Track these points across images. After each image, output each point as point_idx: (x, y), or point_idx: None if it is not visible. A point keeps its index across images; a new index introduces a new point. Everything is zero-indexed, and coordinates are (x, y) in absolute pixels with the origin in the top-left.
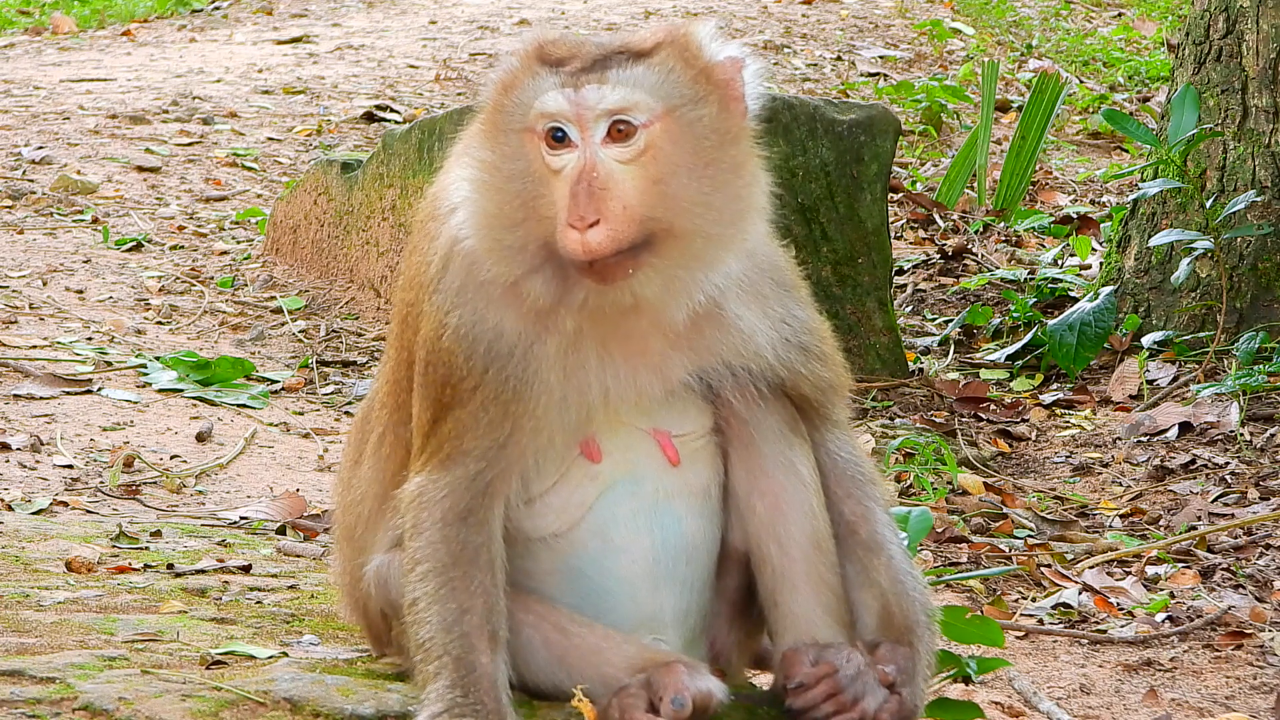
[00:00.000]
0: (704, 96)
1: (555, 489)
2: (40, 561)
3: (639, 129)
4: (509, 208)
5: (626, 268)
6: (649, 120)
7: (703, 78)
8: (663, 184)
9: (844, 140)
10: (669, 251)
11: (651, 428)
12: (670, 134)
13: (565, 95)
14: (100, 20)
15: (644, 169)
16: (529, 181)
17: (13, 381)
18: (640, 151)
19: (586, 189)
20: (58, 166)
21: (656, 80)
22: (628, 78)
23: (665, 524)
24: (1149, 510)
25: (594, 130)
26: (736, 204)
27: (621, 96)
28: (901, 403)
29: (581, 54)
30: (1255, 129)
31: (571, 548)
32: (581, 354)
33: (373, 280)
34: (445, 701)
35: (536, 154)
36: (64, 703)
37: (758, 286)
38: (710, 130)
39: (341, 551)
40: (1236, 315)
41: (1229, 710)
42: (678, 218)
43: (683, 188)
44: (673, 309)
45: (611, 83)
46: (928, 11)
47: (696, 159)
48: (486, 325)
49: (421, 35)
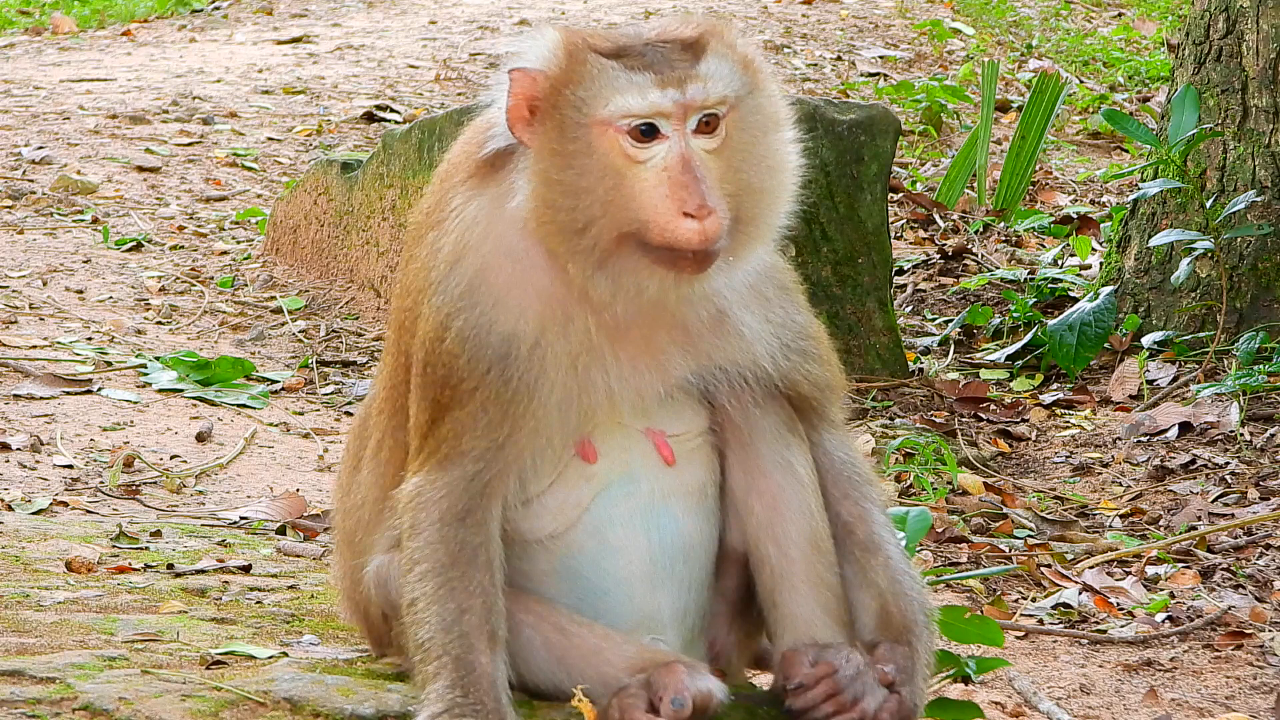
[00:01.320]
0: (755, 86)
1: (551, 490)
2: (40, 561)
3: (721, 120)
4: (583, 205)
5: (719, 255)
6: (726, 110)
7: (749, 69)
8: (739, 172)
9: (844, 140)
10: (740, 238)
11: (647, 428)
12: (740, 123)
13: (666, 94)
14: (100, 20)
15: (725, 158)
16: (604, 175)
17: (13, 381)
18: (723, 141)
19: (694, 178)
20: (58, 166)
21: (727, 69)
22: (710, 69)
23: (662, 524)
24: (1149, 510)
25: (688, 123)
26: (785, 191)
27: (717, 89)
28: (901, 403)
29: (640, 45)
30: (1255, 129)
31: (568, 549)
32: (593, 354)
33: (373, 280)
34: (445, 701)
35: (613, 147)
36: (64, 703)
37: (760, 289)
38: (767, 119)
39: (341, 555)
40: (1236, 315)
41: (1229, 710)
42: (746, 205)
43: (752, 175)
44: (705, 302)
45: (702, 79)
46: (928, 11)
47: (760, 147)
48: (496, 328)
49: (421, 35)
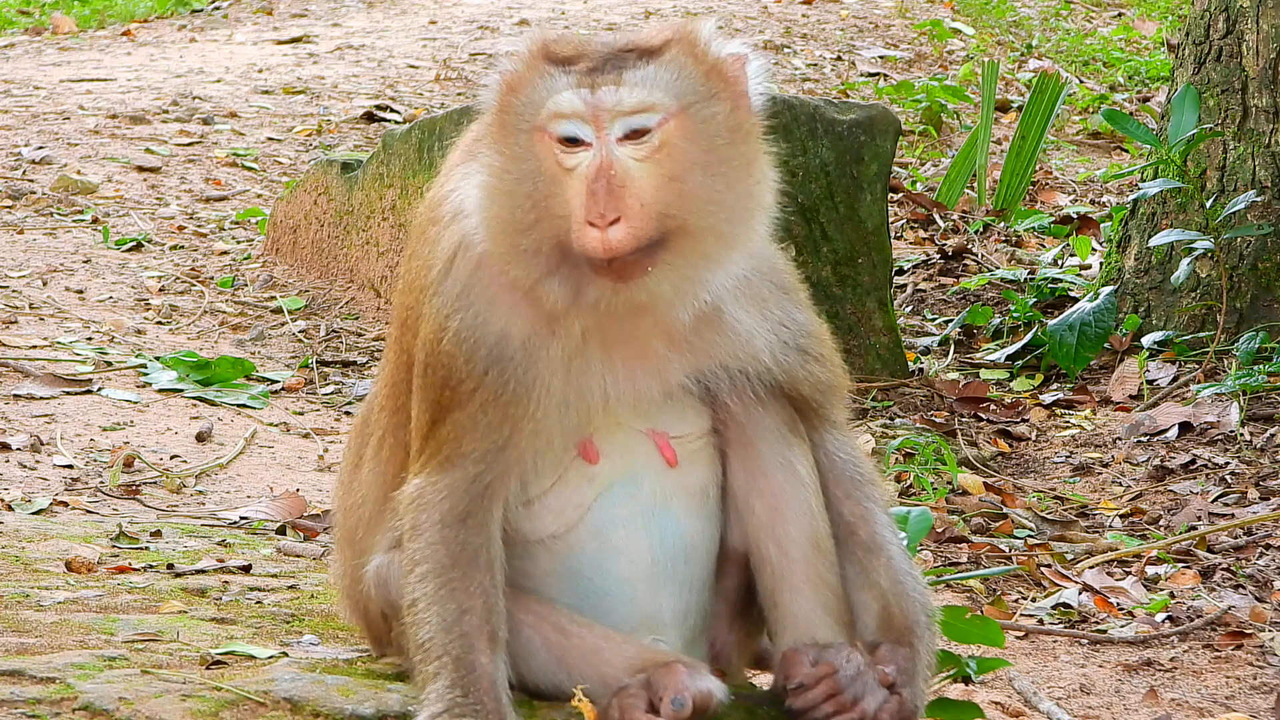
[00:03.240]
0: (716, 94)
1: (553, 491)
2: (40, 561)
3: (653, 128)
4: (521, 209)
5: (644, 265)
6: (664, 118)
7: (713, 75)
8: (678, 181)
9: (844, 140)
10: (682, 249)
11: (649, 429)
12: (684, 131)
13: (580, 96)
14: (100, 20)
15: (659, 166)
16: (540, 181)
17: (13, 381)
18: (655, 149)
19: (605, 186)
20: (58, 166)
21: (670, 78)
22: (642, 77)
23: (663, 525)
24: (1149, 510)
25: (610, 130)
26: (747, 201)
27: (638, 97)
28: (901, 403)
29: (589, 53)
30: (1255, 129)
31: (570, 549)
32: (585, 357)
33: (373, 280)
34: (445, 701)
35: (548, 153)
36: (64, 703)
37: (757, 289)
38: (723, 128)
39: (342, 555)
40: (1236, 315)
41: (1229, 710)
42: (692, 215)
43: (697, 185)
44: (680, 308)
45: (628, 83)
46: (928, 11)
47: (710, 156)
48: (490, 328)
49: (421, 35)
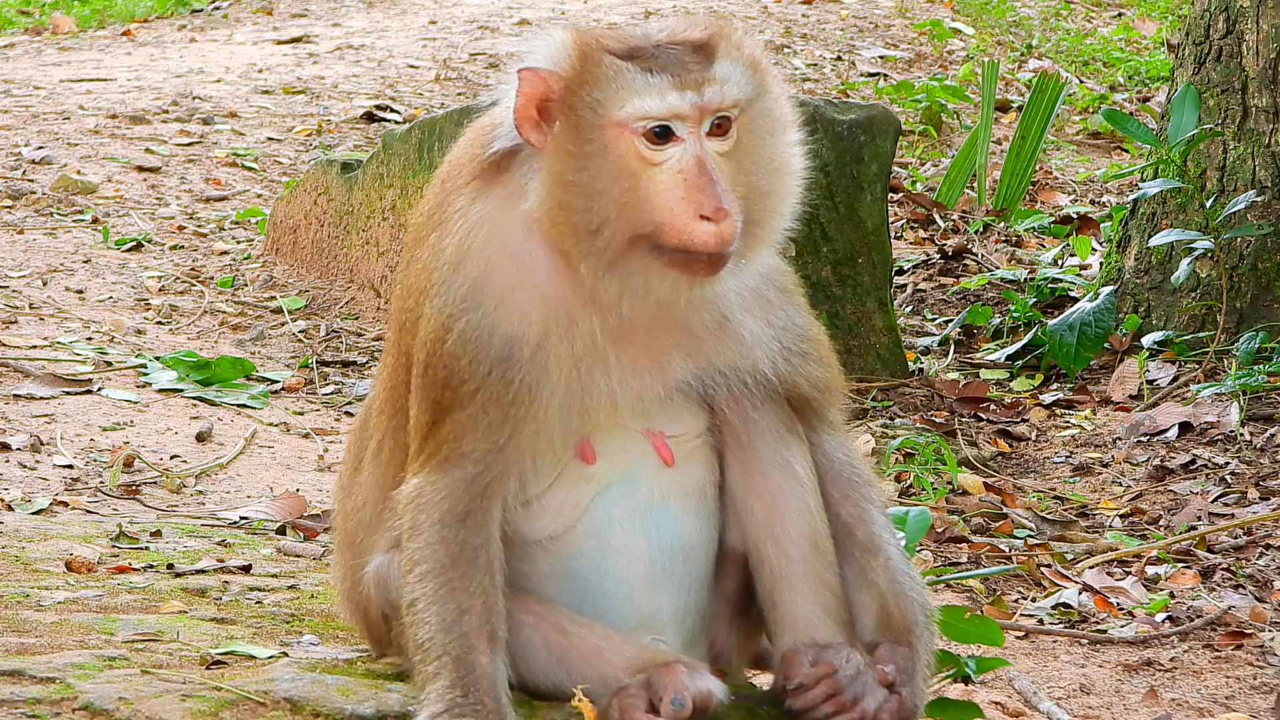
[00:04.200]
0: (763, 89)
1: (551, 491)
2: (40, 561)
3: (733, 122)
4: (598, 204)
5: (731, 258)
6: (738, 113)
7: (757, 69)
8: (749, 175)
9: (844, 140)
10: (749, 242)
11: (646, 429)
12: (749, 126)
13: (685, 96)
14: (100, 20)
15: (736, 161)
16: (619, 177)
17: (13, 381)
18: (734, 144)
19: (709, 180)
20: (58, 166)
21: (739, 72)
22: (724, 73)
23: (661, 524)
24: (1149, 510)
25: (703, 125)
26: (791, 194)
27: (732, 94)
28: (901, 403)
29: (652, 46)
30: (1255, 129)
31: (568, 549)
32: (596, 357)
33: (373, 280)
34: (445, 701)
35: (630, 149)
36: (64, 703)
37: (762, 292)
38: (775, 122)
39: (341, 558)
40: (1236, 315)
41: (1229, 710)
42: (755, 207)
43: (760, 178)
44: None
45: (720, 80)
46: (928, 11)
47: (766, 148)
48: (498, 330)
49: (421, 35)
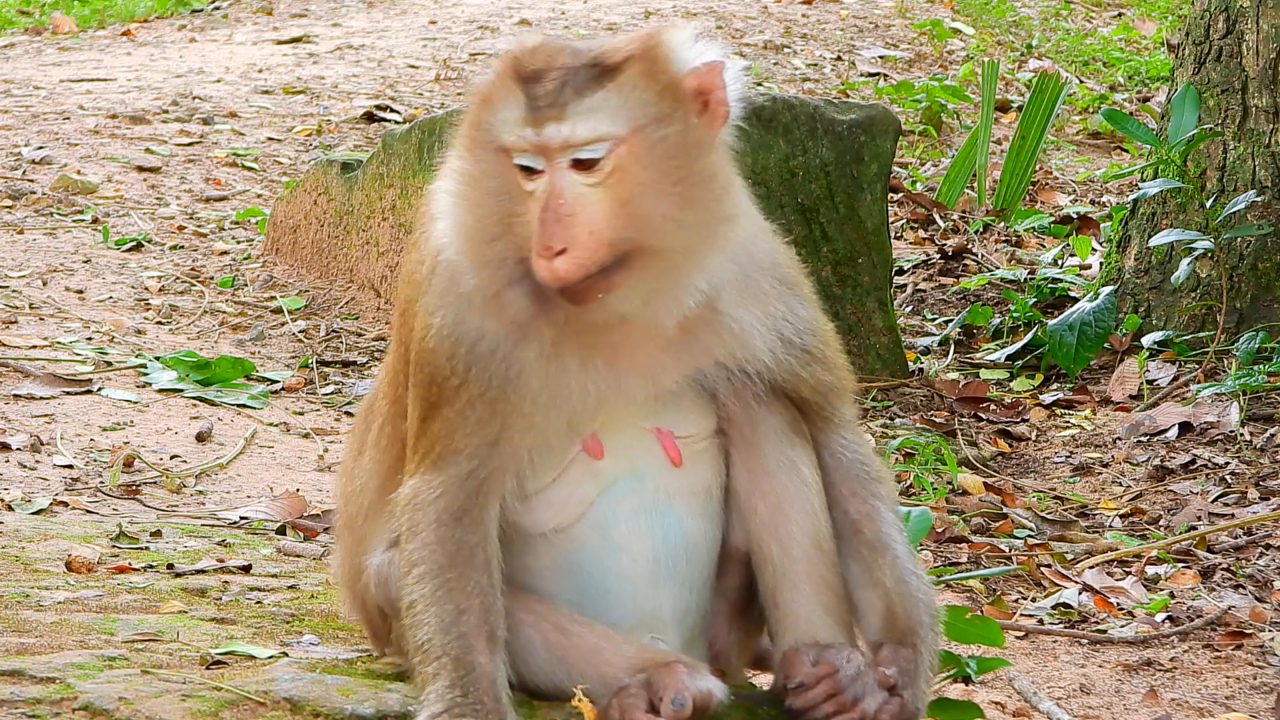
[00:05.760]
0: (669, 114)
1: (556, 485)
2: (40, 561)
3: (604, 155)
4: (488, 221)
5: (598, 290)
6: (613, 145)
7: (669, 93)
8: (631, 205)
9: (844, 140)
10: (645, 268)
11: (655, 427)
12: (636, 154)
13: (525, 135)
14: (100, 20)
15: (611, 191)
16: (506, 199)
17: (13, 381)
18: (607, 174)
19: (552, 217)
20: (58, 166)
21: (619, 103)
22: (588, 108)
23: (666, 524)
24: (1149, 510)
25: (559, 160)
26: (709, 216)
27: (584, 131)
28: (901, 403)
29: (553, 71)
30: (1255, 129)
31: (572, 544)
32: (561, 361)
33: (373, 280)
34: (445, 702)
35: (512, 175)
36: (64, 703)
37: (757, 284)
38: (676, 147)
39: (342, 542)
40: (1236, 315)
41: (1229, 710)
42: (649, 236)
43: (652, 206)
44: (657, 319)
45: (572, 118)
46: (928, 11)
47: (663, 177)
48: (468, 328)
49: (421, 35)
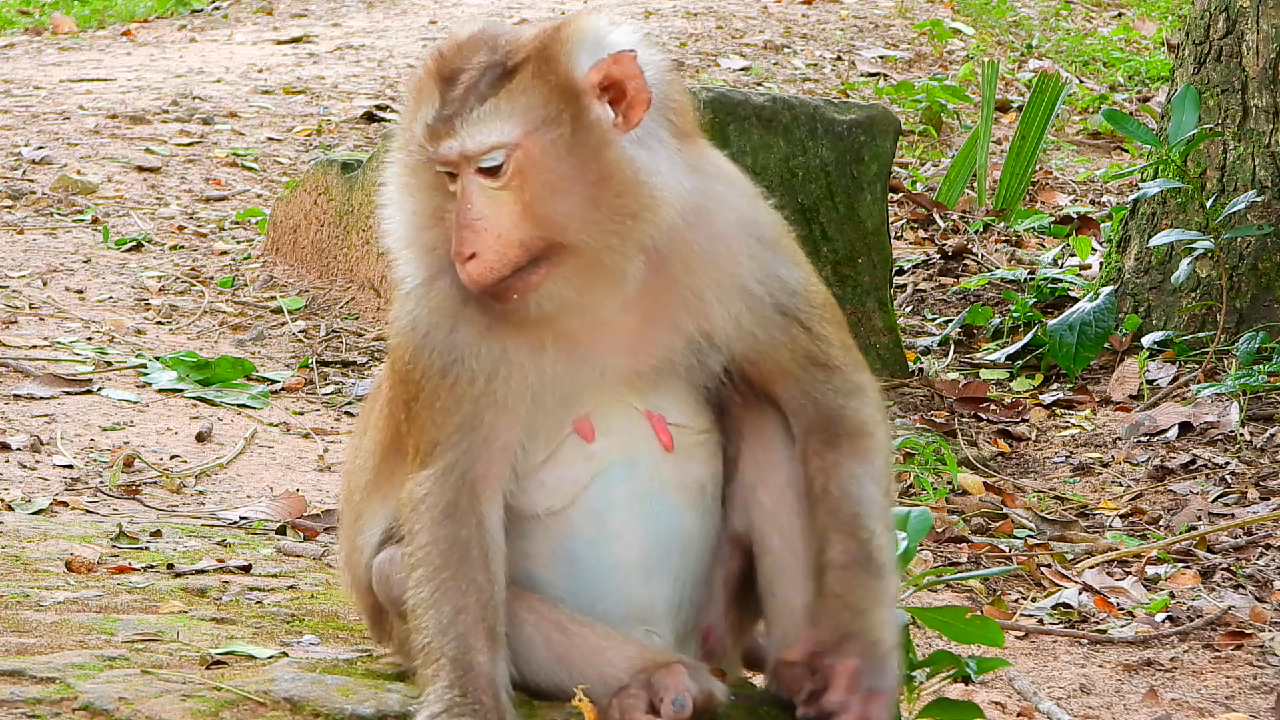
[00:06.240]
0: (559, 115)
1: (548, 465)
2: (40, 561)
3: (503, 161)
4: (422, 212)
5: (516, 289)
6: (509, 151)
7: (560, 92)
8: (536, 205)
9: (844, 140)
10: (565, 264)
11: (645, 410)
12: (531, 157)
13: (427, 149)
14: (100, 20)
15: (515, 194)
16: (436, 193)
17: (13, 381)
18: (509, 178)
19: (462, 223)
20: (58, 166)
21: (509, 109)
22: (479, 117)
23: (659, 514)
24: (1149, 510)
25: (466, 167)
26: (616, 212)
27: (477, 142)
28: (901, 403)
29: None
30: (1255, 129)
31: (567, 528)
32: (503, 343)
33: (373, 280)
34: (444, 702)
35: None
36: (64, 703)
37: (723, 245)
38: (567, 148)
39: (343, 517)
40: (1236, 315)
41: (1229, 710)
42: (558, 235)
43: (556, 206)
44: (592, 308)
45: (461, 133)
46: (928, 11)
47: (561, 177)
48: (416, 321)
49: (421, 35)
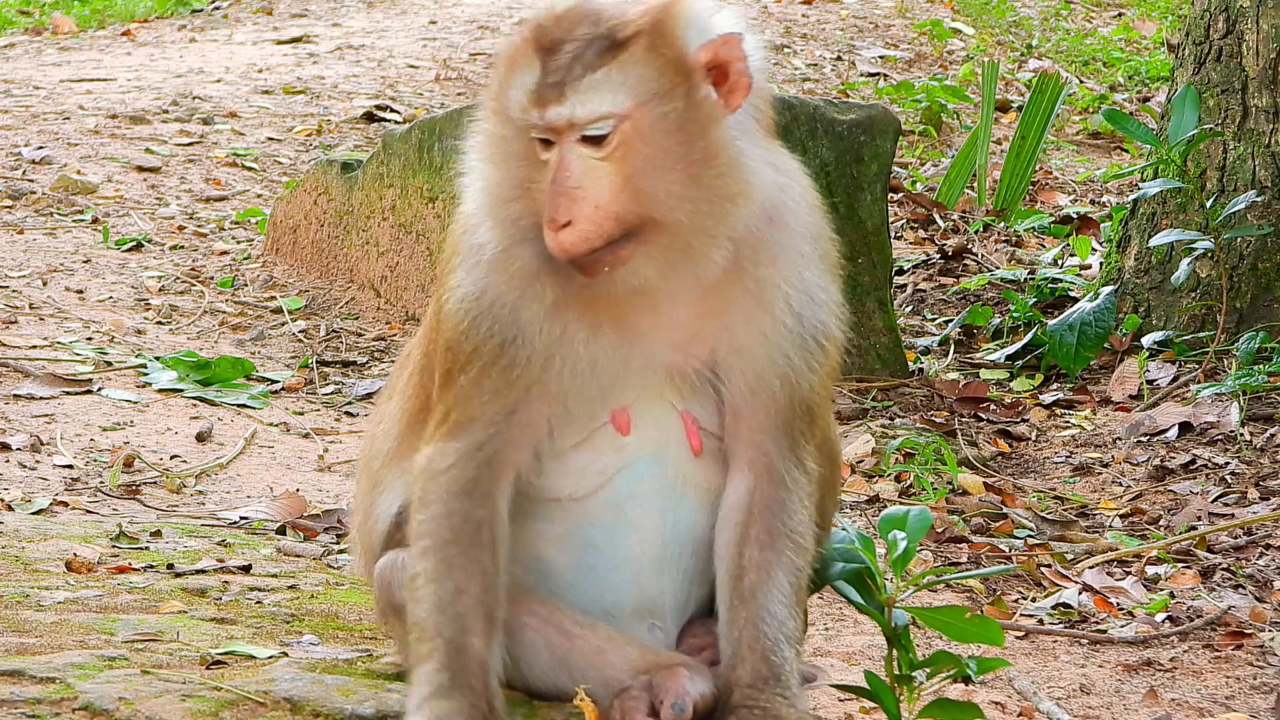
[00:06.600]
0: (671, 90)
1: (577, 451)
2: (40, 561)
3: (609, 132)
4: (508, 183)
5: (608, 261)
6: (618, 121)
7: (674, 68)
8: (636, 179)
9: (844, 140)
10: (656, 242)
11: (684, 410)
12: (639, 129)
13: (531, 116)
14: (100, 20)
15: (617, 165)
16: (525, 163)
17: (13, 381)
18: (613, 149)
19: (559, 190)
20: (58, 166)
21: (621, 80)
22: (589, 86)
23: (680, 511)
24: (1149, 510)
25: (567, 135)
26: (714, 194)
27: (586, 110)
28: (901, 403)
29: (568, 43)
30: (1255, 129)
31: (586, 516)
32: (565, 324)
33: (373, 280)
34: (433, 684)
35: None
36: (64, 703)
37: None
38: (680, 123)
39: (360, 482)
40: (1236, 315)
41: (1229, 710)
42: (655, 211)
43: (656, 181)
44: (671, 292)
45: (570, 100)
46: (928, 11)
47: (668, 152)
48: (488, 292)
49: (421, 35)
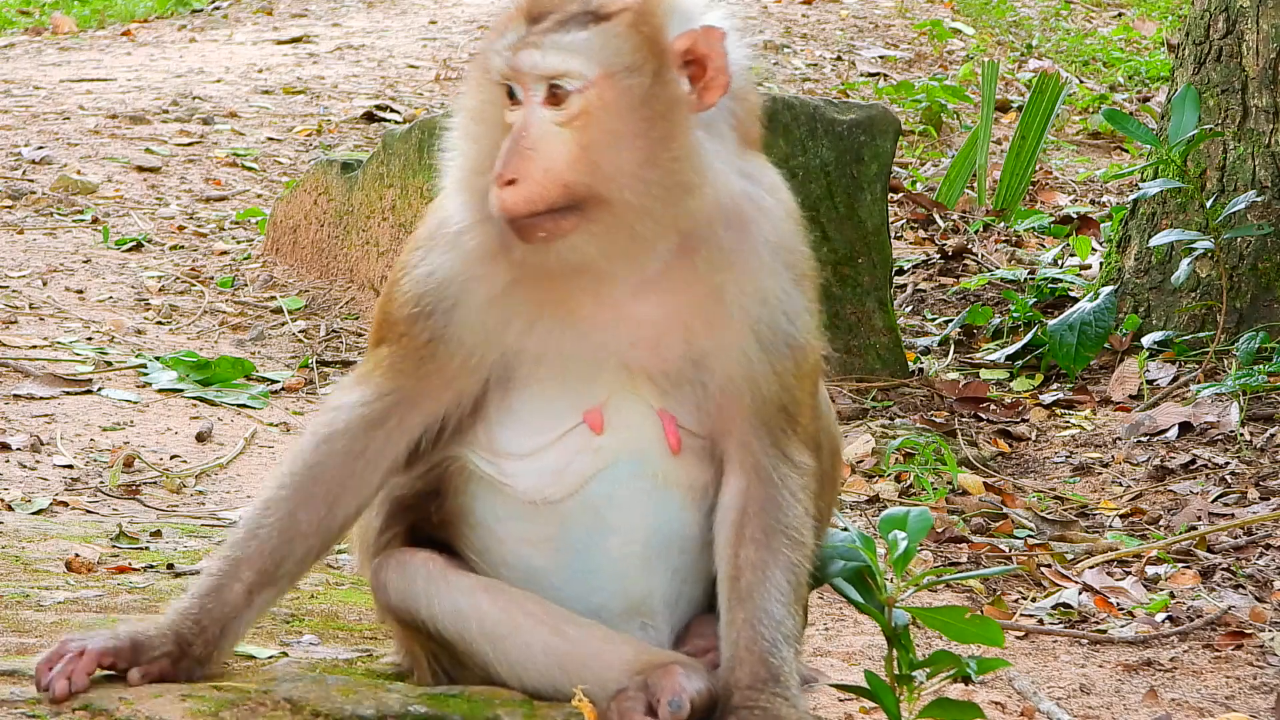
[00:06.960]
0: (641, 66)
1: (549, 451)
2: (40, 561)
3: (573, 93)
4: (481, 153)
5: (544, 229)
6: (584, 85)
7: (648, 46)
8: (591, 150)
9: (844, 140)
10: (599, 220)
11: (660, 408)
12: (604, 100)
13: (505, 57)
14: (100, 20)
15: (576, 134)
16: (495, 129)
17: (13, 381)
18: (574, 115)
19: (513, 147)
20: (58, 166)
21: (597, 46)
22: (565, 43)
23: (664, 510)
24: (1149, 510)
25: (534, 91)
26: (666, 179)
27: (555, 63)
28: (901, 403)
29: (556, 12)
30: (1255, 129)
31: (568, 517)
32: (509, 307)
33: (373, 280)
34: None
35: (501, 101)
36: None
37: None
38: (641, 100)
39: None
40: (1236, 315)
41: (1229, 710)
42: (604, 186)
43: (611, 156)
44: (615, 276)
45: (544, 49)
46: (928, 11)
47: (626, 128)
48: (433, 270)
49: (421, 35)
